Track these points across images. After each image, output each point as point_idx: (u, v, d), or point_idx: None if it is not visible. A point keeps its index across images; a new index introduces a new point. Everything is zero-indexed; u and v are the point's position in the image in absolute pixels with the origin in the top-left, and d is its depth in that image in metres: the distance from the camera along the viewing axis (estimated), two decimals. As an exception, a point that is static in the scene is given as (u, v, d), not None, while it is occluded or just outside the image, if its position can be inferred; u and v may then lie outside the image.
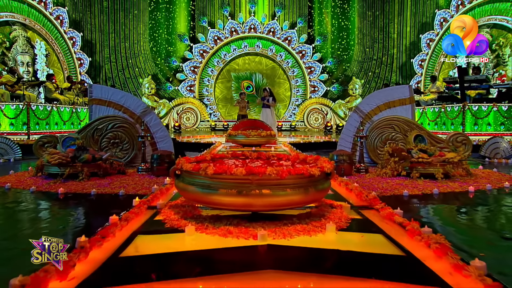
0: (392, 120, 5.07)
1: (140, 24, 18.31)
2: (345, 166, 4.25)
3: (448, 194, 3.28)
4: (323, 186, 2.25)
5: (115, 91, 5.14)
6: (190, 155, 7.00)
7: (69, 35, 15.52)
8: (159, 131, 5.21)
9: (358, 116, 5.28)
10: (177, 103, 18.20)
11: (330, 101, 18.35)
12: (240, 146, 7.03)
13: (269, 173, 2.01)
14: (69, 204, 2.97)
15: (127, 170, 4.52)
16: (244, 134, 6.95)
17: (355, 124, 5.27)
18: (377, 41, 18.44)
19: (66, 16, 15.29)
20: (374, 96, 5.30)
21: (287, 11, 18.76)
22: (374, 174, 4.25)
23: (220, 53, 18.55)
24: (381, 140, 5.09)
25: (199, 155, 4.01)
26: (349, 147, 5.25)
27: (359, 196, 2.98)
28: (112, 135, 4.97)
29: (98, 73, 17.35)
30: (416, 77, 16.62)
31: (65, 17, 15.26)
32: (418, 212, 2.75)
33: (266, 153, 2.79)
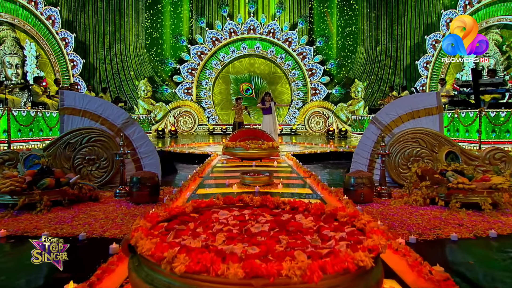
0: (417, 133, 4.35)
1: (136, 25, 17.73)
2: (365, 190, 3.53)
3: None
4: (375, 279, 1.29)
5: (91, 99, 4.41)
6: (182, 170, 6.21)
7: (62, 36, 14.94)
8: (143, 146, 4.48)
9: (376, 128, 4.56)
10: (174, 106, 17.61)
11: (332, 104, 17.77)
12: (239, 160, 6.29)
13: (289, 275, 1.09)
14: (3, 258, 2.09)
15: (102, 195, 3.78)
16: (243, 146, 6.21)
17: (373, 138, 4.55)
18: (380, 43, 17.87)
19: (58, 16, 14.69)
20: (396, 104, 4.57)
21: (287, 12, 18.16)
22: (400, 201, 3.52)
23: (219, 54, 17.97)
24: (403, 156, 4.37)
25: (175, 201, 3.19)
26: (365, 164, 4.52)
27: (418, 270, 1.83)
28: (87, 151, 4.25)
29: (92, 75, 16.77)
30: (421, 80, 16.02)
31: (57, 17, 14.65)
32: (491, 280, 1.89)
33: (274, 200, 1.90)
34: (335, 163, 7.28)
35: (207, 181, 4.47)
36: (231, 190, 3.90)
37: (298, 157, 6.71)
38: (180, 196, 3.54)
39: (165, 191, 4.01)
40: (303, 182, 4.40)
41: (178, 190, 3.70)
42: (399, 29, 17.36)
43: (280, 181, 4.26)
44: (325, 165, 6.93)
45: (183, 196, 3.59)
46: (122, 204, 3.47)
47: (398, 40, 17.40)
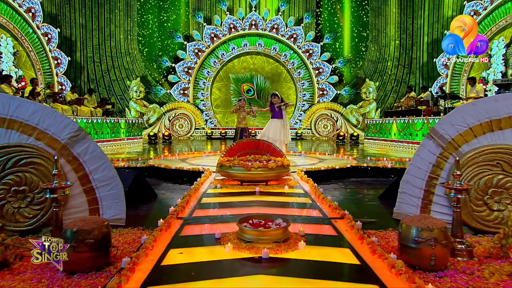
0: (499, 153, 2.93)
1: (128, 20, 16.48)
2: (438, 251, 2.11)
3: None
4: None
5: (21, 103, 2.99)
6: (164, 193, 4.63)
7: (44, 31, 13.65)
8: (99, 170, 3.07)
9: (435, 145, 3.11)
10: (168, 108, 16.52)
11: (341, 106, 16.62)
12: (237, 182, 4.79)
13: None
14: None
15: (22, 253, 2.36)
16: (243, 166, 4.68)
17: (431, 159, 3.11)
18: (394, 39, 16.55)
19: (40, 9, 13.43)
20: (463, 111, 3.12)
21: (292, 6, 16.92)
22: (498, 269, 2.12)
23: (218, 52, 16.86)
24: (477, 187, 2.96)
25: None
26: (418, 196, 3.08)
27: None
28: (14, 179, 2.85)
29: (79, 74, 15.50)
30: (440, 79, 14.59)
31: (39, 10, 13.36)
32: None
33: None
34: (358, 181, 5.89)
35: (187, 229, 2.89)
36: (221, 255, 2.35)
37: (312, 175, 5.30)
38: (136, 266, 2.11)
39: (125, 244, 2.59)
40: (336, 232, 2.76)
41: (139, 253, 2.25)
42: (414, 23, 16.05)
43: (300, 235, 2.61)
44: (346, 185, 5.53)
45: (143, 266, 2.15)
46: (45, 274, 2.06)
47: (414, 36, 16.10)
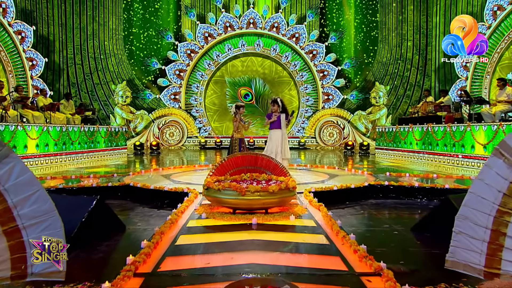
0: None
1: (113, 17, 15.54)
2: None
3: None
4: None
5: None
6: (136, 223, 2.74)
7: (16, 29, 12.50)
8: (29, 202, 1.78)
9: (507, 165, 1.79)
10: (158, 115, 15.90)
11: (348, 113, 15.92)
12: (229, 210, 3.35)
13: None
14: None
15: None
16: (236, 189, 3.31)
17: (500, 185, 1.83)
18: (406, 38, 15.53)
19: (12, 4, 12.26)
20: None
21: (294, 2, 16.17)
22: None
23: (212, 53, 16.23)
24: None
25: None
26: (482, 238, 1.79)
27: None
28: None
29: (57, 77, 14.46)
30: (459, 82, 13.32)
31: (10, 5, 12.19)
32: None
33: None
34: (379, 204, 4.71)
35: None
36: None
37: (323, 197, 4.13)
38: None
39: None
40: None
41: None
42: (429, 21, 15.03)
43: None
44: (364, 209, 4.39)
45: None
46: None
47: (428, 35, 15.07)
